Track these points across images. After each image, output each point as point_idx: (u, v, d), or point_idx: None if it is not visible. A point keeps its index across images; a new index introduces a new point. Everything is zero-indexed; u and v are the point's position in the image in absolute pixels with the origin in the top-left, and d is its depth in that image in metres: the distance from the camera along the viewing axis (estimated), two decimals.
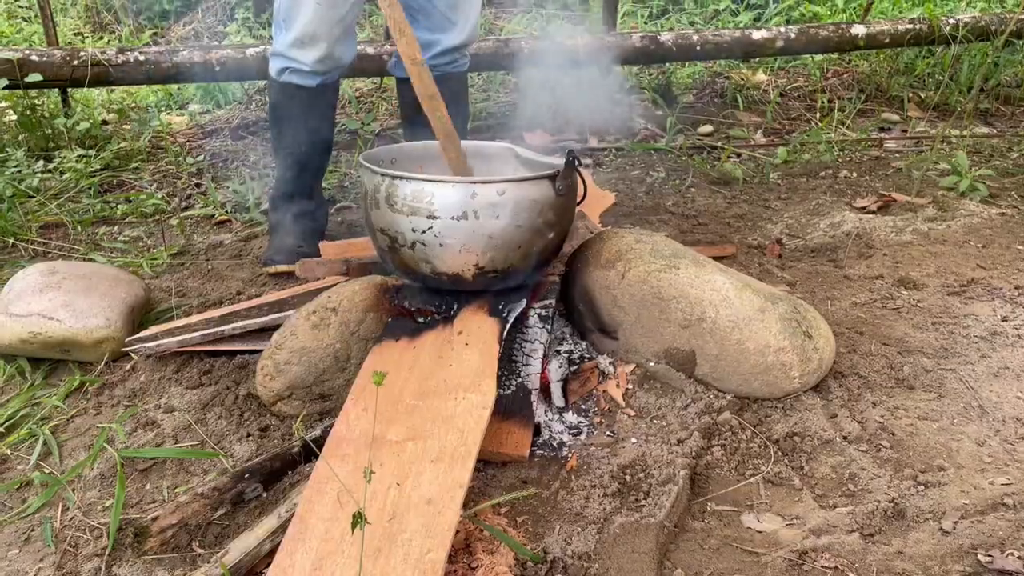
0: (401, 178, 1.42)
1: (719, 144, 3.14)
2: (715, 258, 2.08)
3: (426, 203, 1.39)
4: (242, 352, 1.62)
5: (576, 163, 1.48)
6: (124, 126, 3.14)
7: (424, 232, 1.41)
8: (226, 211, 2.47)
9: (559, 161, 1.57)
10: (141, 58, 2.75)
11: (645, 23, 4.37)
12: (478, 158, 1.73)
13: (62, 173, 2.62)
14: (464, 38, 2.02)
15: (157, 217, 2.44)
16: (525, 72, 3.44)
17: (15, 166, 2.56)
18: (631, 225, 2.37)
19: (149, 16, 4.32)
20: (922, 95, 3.66)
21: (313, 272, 1.67)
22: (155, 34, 4.18)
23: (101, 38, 4.06)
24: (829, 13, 4.13)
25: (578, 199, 1.59)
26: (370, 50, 2.96)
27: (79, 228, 2.30)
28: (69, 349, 1.65)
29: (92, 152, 2.72)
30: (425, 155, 1.72)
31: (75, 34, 4.11)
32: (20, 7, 4.64)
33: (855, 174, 2.87)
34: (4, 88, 2.60)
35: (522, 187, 1.42)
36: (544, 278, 1.60)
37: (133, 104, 3.33)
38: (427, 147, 1.72)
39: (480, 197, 1.39)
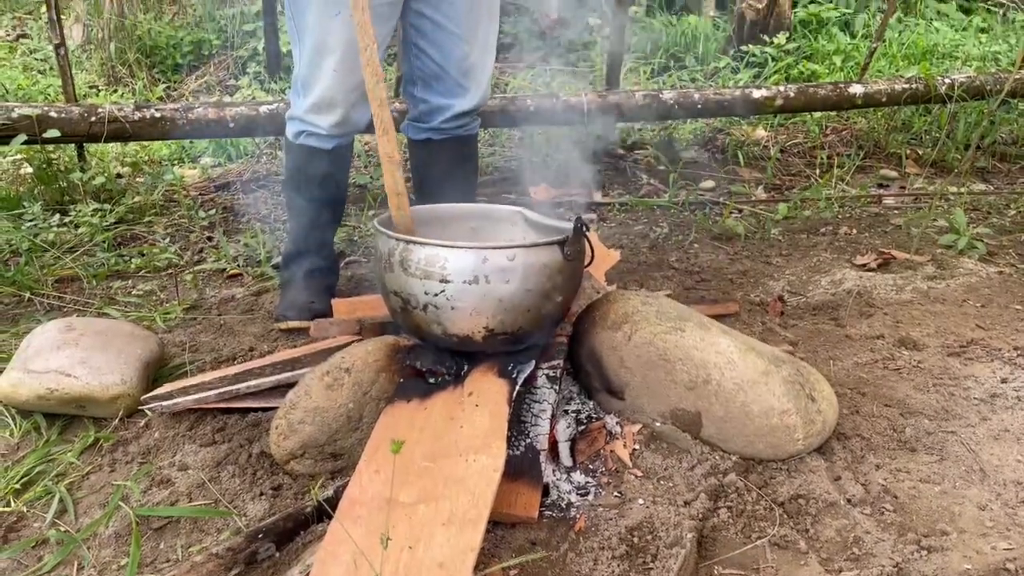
0: (415, 243, 1.46)
1: (721, 200, 3.20)
2: (718, 316, 2.13)
3: (439, 267, 1.44)
4: (255, 409, 1.65)
5: (584, 229, 1.52)
6: (138, 179, 3.20)
7: (436, 295, 1.45)
8: (237, 265, 2.52)
9: (566, 225, 1.62)
10: (157, 115, 2.83)
11: (648, 80, 4.47)
12: (488, 221, 1.78)
13: (76, 226, 2.67)
14: (475, 103, 2.08)
15: (170, 271, 2.48)
16: (531, 128, 3.53)
17: (31, 220, 2.61)
18: (636, 281, 2.41)
19: (163, 70, 4.42)
20: (920, 152, 3.73)
21: (327, 332, 1.70)
22: (168, 88, 4.27)
23: (115, 91, 4.15)
24: (827, 71, 4.23)
25: (586, 262, 1.63)
26: None
27: (94, 282, 2.34)
28: (85, 405, 1.68)
29: (107, 206, 2.77)
30: (434, 218, 1.76)
31: (90, 87, 4.20)
32: (35, 60, 4.75)
33: (855, 231, 2.92)
34: (23, 144, 2.67)
35: (532, 252, 1.46)
36: (552, 339, 1.64)
37: (147, 157, 3.40)
38: (437, 211, 1.77)
39: (491, 262, 1.43)
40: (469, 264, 1.43)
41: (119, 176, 3.09)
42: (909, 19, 5.20)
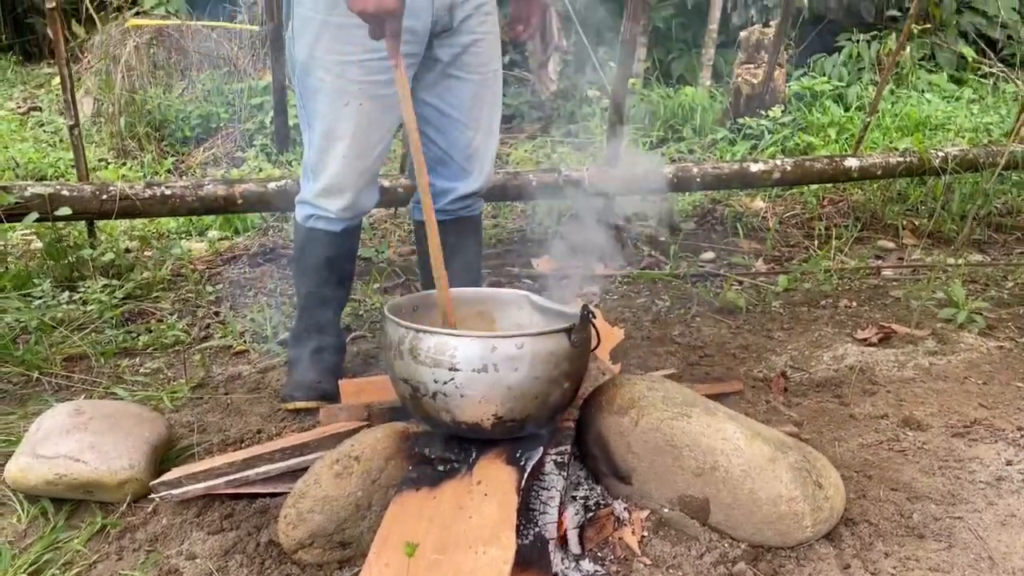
0: (425, 332, 1.48)
1: (721, 272, 3.24)
2: (723, 394, 2.14)
3: (448, 356, 1.46)
4: (263, 495, 1.65)
5: (590, 316, 1.55)
6: (146, 253, 3.24)
7: (446, 383, 1.46)
8: (244, 341, 2.54)
9: (572, 310, 1.65)
10: (167, 192, 2.88)
11: (646, 150, 4.56)
12: (495, 305, 1.81)
13: (84, 302, 2.70)
14: (479, 186, 2.13)
15: (177, 347, 2.50)
16: (533, 201, 3.59)
17: (41, 297, 2.64)
18: (640, 358, 2.43)
19: (171, 142, 4.51)
20: (916, 223, 3.78)
21: (336, 418, 1.72)
22: (177, 160, 4.35)
23: (124, 163, 4.23)
24: (822, 143, 4.32)
25: (592, 346, 1.65)
26: (386, 183, 3.10)
27: (102, 360, 2.36)
28: (93, 490, 1.68)
29: (116, 282, 2.80)
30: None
31: (100, 159, 4.28)
32: (46, 132, 4.85)
33: (855, 303, 2.95)
34: (35, 221, 2.71)
35: (539, 341, 1.48)
36: (559, 424, 1.65)
37: (155, 231, 3.45)
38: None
39: (500, 351, 1.45)
40: (478, 353, 1.45)
41: (128, 251, 3.13)
42: (901, 90, 5.32)
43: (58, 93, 5.59)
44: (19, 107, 5.33)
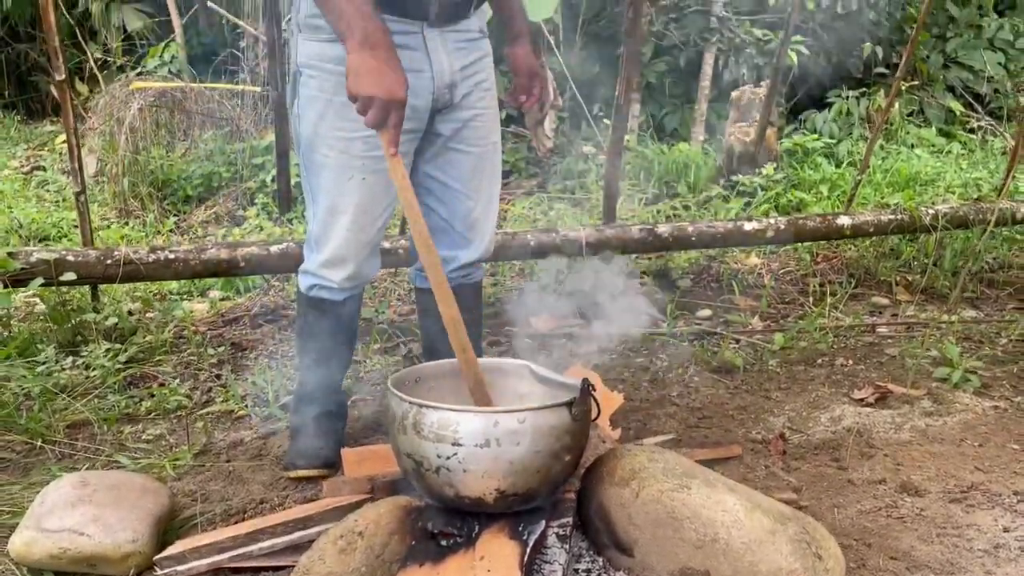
0: (428, 407, 1.51)
1: (718, 330, 3.28)
2: (722, 459, 2.16)
3: (451, 431, 1.48)
4: (266, 569, 1.66)
5: (590, 389, 1.58)
6: (148, 314, 3.27)
7: (449, 458, 1.49)
8: (245, 406, 2.56)
9: (573, 381, 1.68)
10: (171, 256, 2.92)
11: (642, 206, 4.62)
12: (497, 375, 1.83)
13: (87, 367, 2.72)
14: (480, 254, 2.17)
15: (179, 412, 2.52)
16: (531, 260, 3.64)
17: (44, 362, 2.66)
18: (639, 421, 2.45)
19: (173, 201, 4.57)
20: (909, 278, 3.83)
21: (339, 491, 1.73)
22: (179, 219, 4.40)
23: (127, 223, 4.28)
24: (815, 200, 4.39)
25: (592, 417, 1.68)
26: (386, 244, 3.14)
27: (105, 427, 2.37)
28: (96, 564, 1.69)
29: (118, 345, 2.83)
30: (445, 374, 1.82)
31: (102, 219, 4.33)
32: (48, 191, 4.91)
33: (851, 361, 2.98)
34: (40, 286, 2.75)
35: (541, 415, 1.51)
36: (561, 495, 1.67)
37: (156, 292, 3.48)
38: (446, 366, 1.83)
39: (502, 425, 1.48)
40: (480, 428, 1.48)
41: (130, 313, 3.16)
42: (891, 146, 5.42)
43: (61, 152, 5.68)
44: (23, 166, 5.40)
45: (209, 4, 5.84)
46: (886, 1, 5.91)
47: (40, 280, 2.74)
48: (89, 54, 6.63)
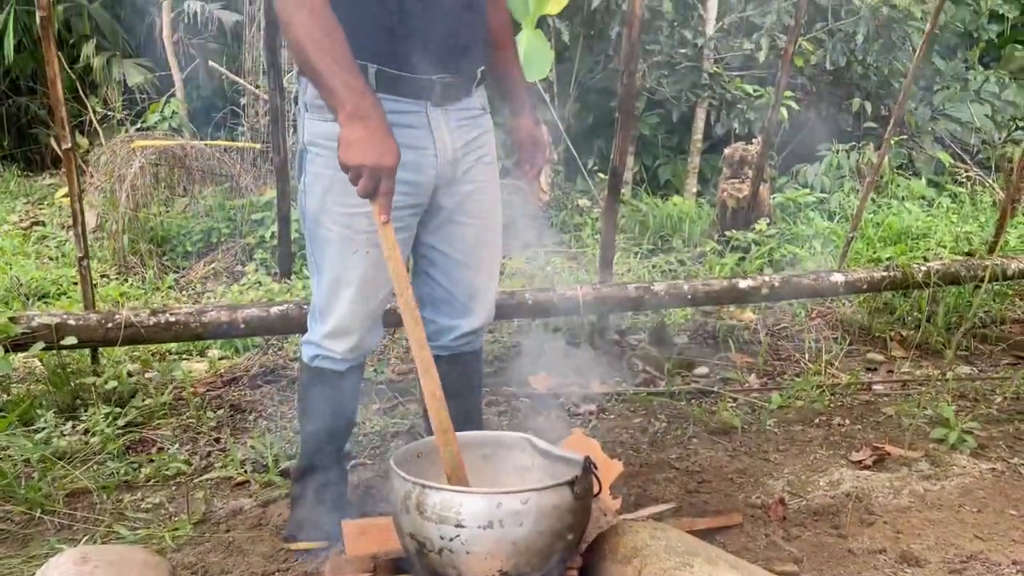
0: (431, 487, 1.52)
1: (715, 388, 3.29)
2: (722, 528, 2.17)
3: (454, 512, 1.49)
4: None
5: (592, 467, 1.59)
6: (147, 375, 3.28)
7: (452, 540, 1.50)
8: (244, 471, 2.56)
9: (575, 456, 1.69)
10: (172, 319, 2.94)
11: (637, 261, 4.67)
12: (498, 448, 1.85)
13: (86, 431, 2.72)
14: (481, 323, 2.20)
15: (179, 479, 2.52)
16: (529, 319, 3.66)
17: (43, 428, 2.66)
18: (639, 486, 2.46)
19: (172, 257, 4.60)
20: (904, 334, 3.87)
21: (342, 570, 1.73)
22: (178, 276, 4.43)
23: (126, 280, 4.30)
24: (808, 255, 4.44)
25: (594, 493, 1.69)
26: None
27: (104, 496, 2.37)
28: None
29: (118, 409, 2.83)
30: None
31: (101, 276, 4.35)
32: (47, 247, 4.94)
33: (848, 421, 3.00)
34: (40, 350, 2.76)
35: (544, 495, 1.52)
36: (564, 573, 1.67)
37: (156, 351, 3.49)
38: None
39: (505, 507, 1.49)
40: (483, 509, 1.49)
41: (129, 374, 3.16)
42: (882, 199, 5.50)
43: (60, 206, 5.72)
44: (22, 220, 5.44)
45: (210, 64, 5.93)
46: (873, 56, 6.04)
47: (41, 344, 2.75)
48: (89, 107, 6.71)
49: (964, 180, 6.51)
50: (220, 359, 3.52)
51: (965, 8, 6.86)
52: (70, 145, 2.63)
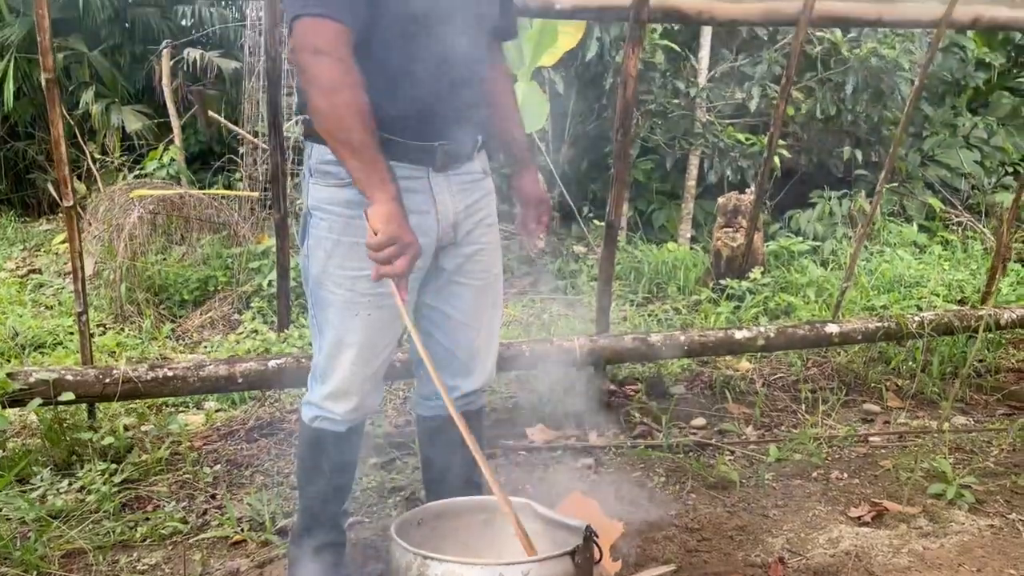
0: (432, 559, 1.52)
1: (713, 441, 3.29)
2: None
3: None
4: None
5: (593, 536, 1.60)
6: (143, 427, 3.27)
7: None
8: (241, 529, 2.54)
9: (575, 523, 1.69)
10: (169, 374, 2.94)
11: (633, 308, 4.69)
12: (499, 513, 1.84)
13: (82, 488, 2.70)
14: (481, 383, 2.21)
15: (175, 538, 2.50)
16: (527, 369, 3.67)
17: (39, 487, 2.65)
18: (639, 546, 2.45)
19: (169, 306, 4.61)
20: (899, 383, 3.88)
21: None
22: (175, 326, 4.43)
23: (122, 329, 4.30)
24: (803, 303, 4.47)
25: (595, 561, 1.68)
26: None
27: (100, 557, 2.35)
28: None
29: (114, 465, 2.82)
30: (447, 512, 1.83)
31: (97, 325, 4.35)
32: (44, 295, 4.94)
33: (846, 475, 3.00)
34: (38, 406, 2.75)
35: (545, 566, 1.52)
36: None
37: (152, 403, 3.48)
38: (450, 505, 1.85)
39: None
40: None
41: (126, 428, 3.15)
42: (874, 246, 5.56)
43: (57, 253, 5.74)
44: (18, 267, 5.45)
45: (210, 114, 6.00)
46: (863, 106, 6.14)
47: (38, 401, 2.75)
48: (88, 153, 6.77)
49: (955, 226, 6.58)
50: (217, 411, 3.51)
51: (952, 56, 6.98)
52: (72, 203, 2.66)
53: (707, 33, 6.08)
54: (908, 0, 3.20)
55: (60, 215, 7.03)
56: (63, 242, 5.80)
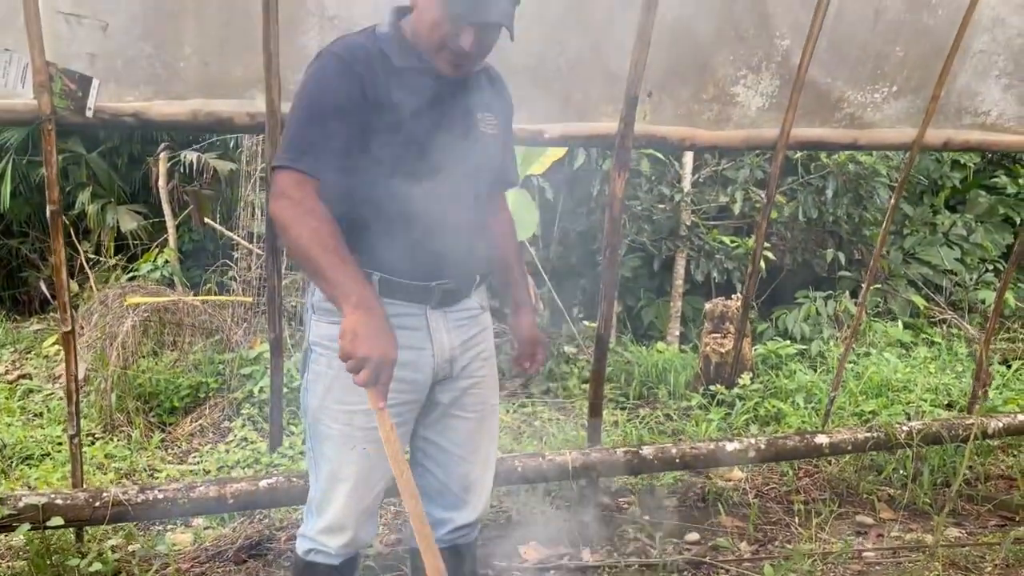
0: None
1: (706, 558, 3.27)
2: None
3: None
4: None
5: None
6: (130, 547, 3.21)
7: None
8: None
9: None
10: (160, 496, 2.92)
11: (624, 415, 4.71)
12: None
13: None
14: (476, 516, 2.22)
15: None
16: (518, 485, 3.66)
17: None
18: None
19: (159, 412, 4.59)
20: (891, 493, 3.88)
21: None
22: (165, 435, 4.40)
23: (111, 439, 4.27)
24: (792, 410, 4.50)
25: None
26: None
27: None
28: None
29: None
30: None
31: (87, 435, 4.32)
32: (33, 402, 4.91)
33: None
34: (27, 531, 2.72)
35: None
36: None
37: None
38: None
39: None
40: None
41: (113, 550, 3.10)
42: (860, 347, 5.63)
43: (47, 356, 5.72)
44: (8, 372, 5.43)
45: (206, 220, 6.10)
46: (844, 210, 6.31)
47: (27, 527, 2.72)
48: (81, 252, 6.82)
49: (939, 322, 6.68)
50: (205, 529, 3.47)
51: (928, 157, 7.22)
52: (70, 328, 2.69)
53: None
54: (881, 127, 3.34)
55: (52, 314, 7.04)
56: (54, 343, 5.79)
